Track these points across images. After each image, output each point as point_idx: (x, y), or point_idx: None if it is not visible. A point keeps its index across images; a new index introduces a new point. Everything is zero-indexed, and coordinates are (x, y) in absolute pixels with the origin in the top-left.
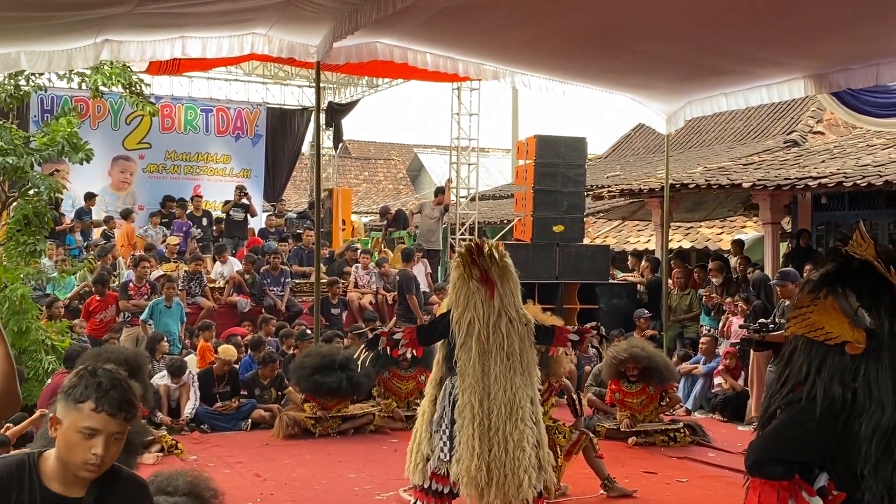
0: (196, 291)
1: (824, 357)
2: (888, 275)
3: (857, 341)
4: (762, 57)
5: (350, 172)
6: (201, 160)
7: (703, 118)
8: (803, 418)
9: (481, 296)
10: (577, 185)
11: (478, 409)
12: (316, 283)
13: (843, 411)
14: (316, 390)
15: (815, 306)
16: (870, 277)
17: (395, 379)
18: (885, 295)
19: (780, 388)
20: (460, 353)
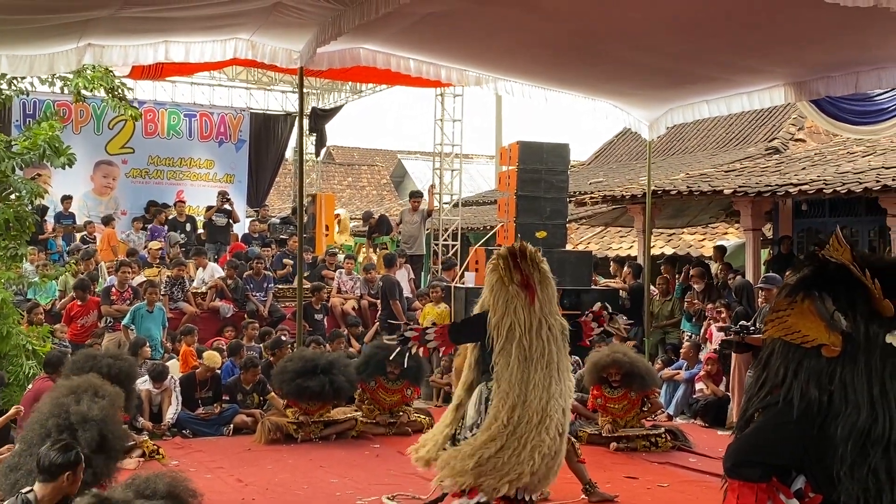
0: (178, 297)
1: (801, 360)
2: (864, 279)
3: (833, 344)
4: (742, 64)
5: (334, 178)
6: (184, 165)
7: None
8: (780, 421)
9: (521, 301)
10: (559, 191)
11: (507, 417)
12: (298, 289)
13: (819, 414)
14: (299, 394)
15: (791, 310)
16: (846, 281)
17: (380, 390)
18: (861, 299)
19: (758, 391)
20: (498, 359)
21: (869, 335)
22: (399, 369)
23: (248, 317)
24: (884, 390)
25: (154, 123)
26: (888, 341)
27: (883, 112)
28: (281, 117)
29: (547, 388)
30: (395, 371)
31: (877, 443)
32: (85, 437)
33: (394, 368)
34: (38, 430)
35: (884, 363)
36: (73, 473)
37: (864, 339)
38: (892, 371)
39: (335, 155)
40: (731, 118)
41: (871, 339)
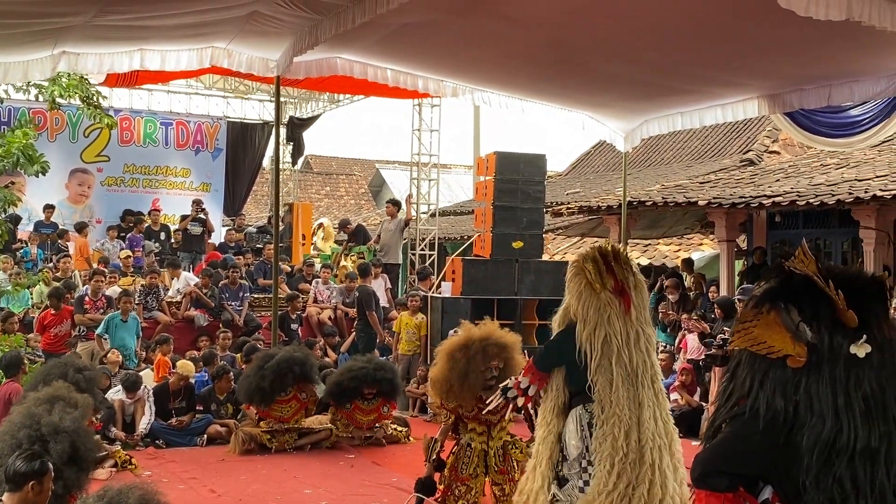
0: (153, 306)
1: (767, 371)
2: (828, 290)
3: (798, 355)
4: (716, 77)
5: (312, 187)
6: (160, 174)
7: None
8: (747, 431)
9: (615, 309)
10: (536, 201)
11: (622, 441)
12: (274, 298)
13: (785, 424)
14: (262, 393)
15: (758, 321)
16: (810, 293)
17: (356, 412)
18: (825, 310)
19: (725, 402)
20: (597, 377)
21: (833, 346)
22: (375, 389)
23: (224, 326)
24: (848, 400)
25: (130, 131)
26: (852, 352)
27: (856, 125)
28: (258, 126)
29: (660, 405)
30: (373, 391)
31: (841, 452)
32: (56, 449)
33: (371, 389)
34: (8, 441)
35: (847, 373)
36: (38, 483)
37: (829, 349)
38: (856, 381)
39: (313, 164)
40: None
41: (835, 349)
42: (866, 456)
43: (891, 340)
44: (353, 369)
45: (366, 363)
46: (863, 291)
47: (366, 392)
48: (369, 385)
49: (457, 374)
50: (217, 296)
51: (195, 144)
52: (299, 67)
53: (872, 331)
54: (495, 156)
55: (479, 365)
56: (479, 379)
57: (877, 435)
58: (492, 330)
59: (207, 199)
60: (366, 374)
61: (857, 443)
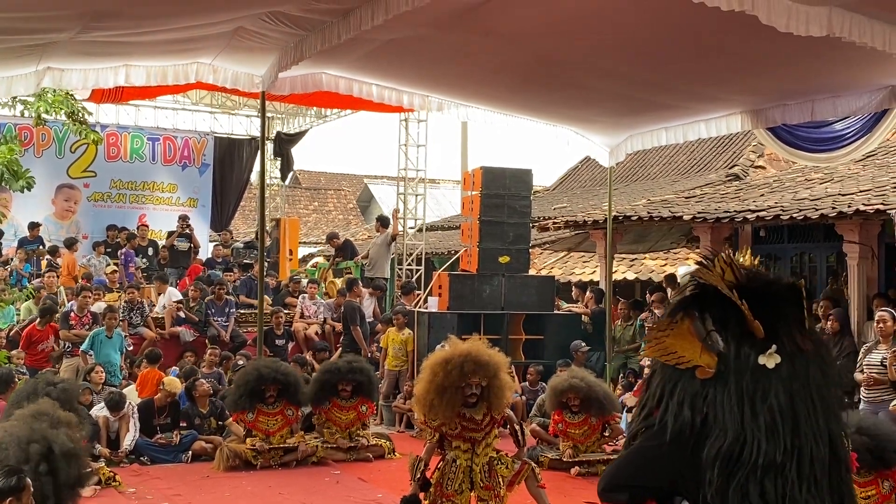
0: (137, 322)
1: (677, 381)
2: (733, 298)
3: (707, 365)
4: (700, 92)
5: (300, 202)
6: (147, 189)
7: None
8: (653, 443)
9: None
10: (522, 216)
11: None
12: (259, 314)
13: (692, 436)
14: (249, 396)
15: (671, 330)
16: (720, 302)
17: (335, 409)
18: (733, 319)
19: (640, 413)
20: None
21: (740, 356)
22: (351, 386)
23: (210, 342)
24: (754, 412)
25: (117, 147)
26: (761, 362)
27: (838, 139)
28: (245, 141)
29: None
30: (347, 388)
31: (744, 466)
32: (67, 471)
33: (345, 386)
34: (15, 453)
35: (755, 385)
36: (16, 500)
37: (736, 359)
38: (762, 393)
39: (301, 179)
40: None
41: (742, 360)
42: (771, 470)
43: (804, 351)
44: (328, 368)
45: (340, 362)
46: (776, 299)
47: (341, 389)
48: (344, 381)
49: (435, 388)
50: (203, 311)
51: (182, 160)
52: (284, 83)
53: (783, 341)
54: (481, 171)
55: (455, 380)
56: (458, 395)
57: (782, 449)
58: (475, 347)
59: (195, 215)
60: (339, 370)
61: (761, 457)
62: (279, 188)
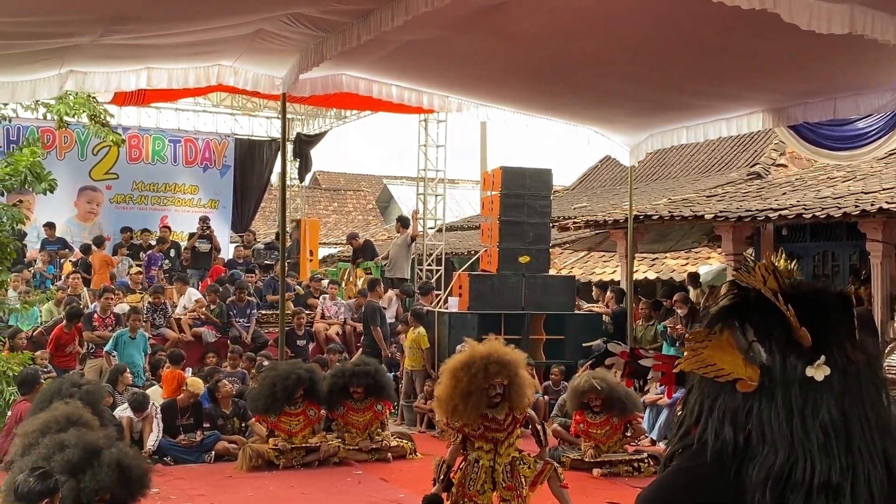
0: (160, 323)
1: (717, 396)
2: (779, 304)
3: (749, 378)
4: (720, 92)
5: (320, 203)
6: (168, 191)
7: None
8: (692, 464)
9: None
10: (542, 216)
11: None
12: (281, 315)
13: (735, 455)
14: (272, 400)
15: (709, 341)
16: (764, 310)
17: (350, 413)
18: (779, 328)
19: (677, 432)
20: None
21: (786, 367)
22: (362, 388)
23: (232, 343)
24: (805, 429)
25: (138, 149)
26: (809, 374)
27: (861, 137)
28: (266, 143)
29: None
30: (359, 390)
31: (797, 488)
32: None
33: (356, 388)
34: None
35: (804, 398)
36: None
37: (781, 371)
38: (813, 408)
39: (321, 180)
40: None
41: (788, 371)
42: (826, 492)
43: (855, 363)
44: (336, 372)
45: (347, 365)
46: (824, 307)
47: (353, 391)
48: (354, 383)
49: (460, 393)
50: (224, 312)
51: (203, 161)
52: (305, 84)
53: (833, 351)
54: (501, 171)
55: (481, 383)
56: (483, 397)
57: (838, 468)
58: (494, 347)
59: (215, 216)
60: (345, 373)
61: (815, 477)
62: (299, 189)
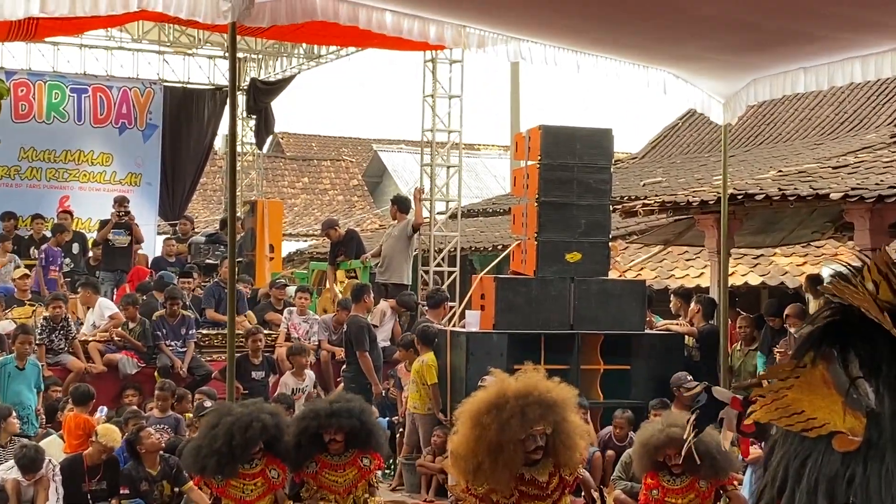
0: (61, 346)
1: (806, 457)
2: (883, 322)
3: (851, 431)
4: (857, 17)
5: (284, 178)
6: (71, 161)
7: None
8: None
9: None
10: (599, 196)
11: None
12: (230, 336)
13: None
14: (218, 458)
15: (795, 379)
16: (871, 333)
17: (325, 471)
18: (887, 359)
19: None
20: None
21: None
22: (342, 435)
23: (160, 375)
24: None
25: (27, 102)
26: None
27: None
28: (207, 93)
29: None
30: (338, 438)
31: None
32: None
33: (334, 436)
34: None
35: None
36: None
37: (891, 419)
38: None
39: (286, 146)
40: (842, 93)
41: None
42: None
43: None
44: (305, 415)
45: (320, 405)
46: None
47: (330, 440)
48: (330, 428)
49: (486, 446)
50: (149, 332)
51: (119, 119)
52: (263, 10)
53: None
54: (540, 131)
55: (516, 433)
56: (518, 452)
57: None
58: (534, 382)
59: (137, 197)
60: (322, 413)
61: None
62: (255, 158)
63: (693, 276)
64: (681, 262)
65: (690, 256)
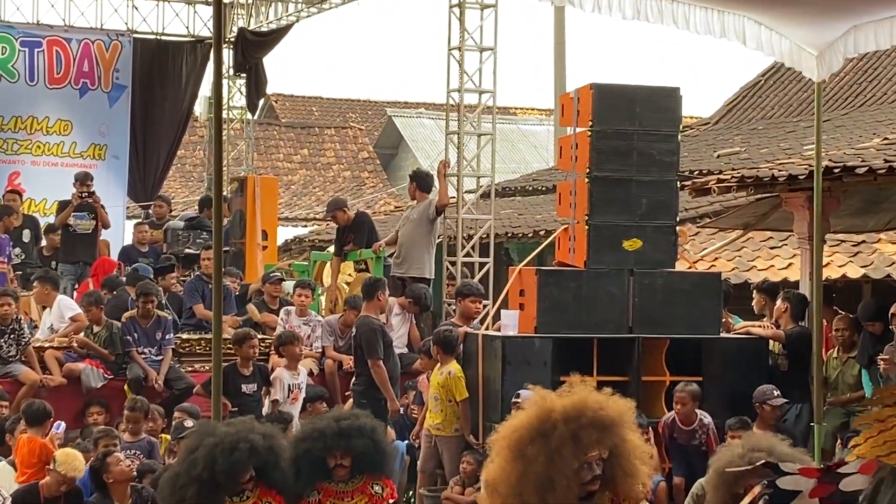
0: (11, 354)
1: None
2: None
3: None
4: None
5: (279, 150)
6: (21, 130)
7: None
8: None
9: None
10: (664, 169)
11: None
12: (215, 341)
13: None
14: (200, 489)
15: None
16: None
17: (329, 500)
18: None
19: None
20: None
21: None
22: (349, 459)
23: (131, 389)
24: None
25: None
26: None
27: None
28: (186, 47)
29: None
30: (344, 463)
31: None
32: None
33: (340, 460)
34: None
35: None
36: None
37: None
38: None
39: (280, 110)
40: None
41: None
42: None
43: None
44: (306, 435)
45: (323, 422)
46: None
47: (336, 465)
48: (336, 450)
49: (533, 483)
50: (117, 338)
51: (80, 79)
52: None
53: None
54: (592, 91)
55: (569, 463)
56: (573, 487)
57: None
58: (583, 398)
59: (102, 173)
60: (326, 434)
61: None
62: (244, 125)
63: (779, 268)
64: (764, 251)
65: (776, 243)
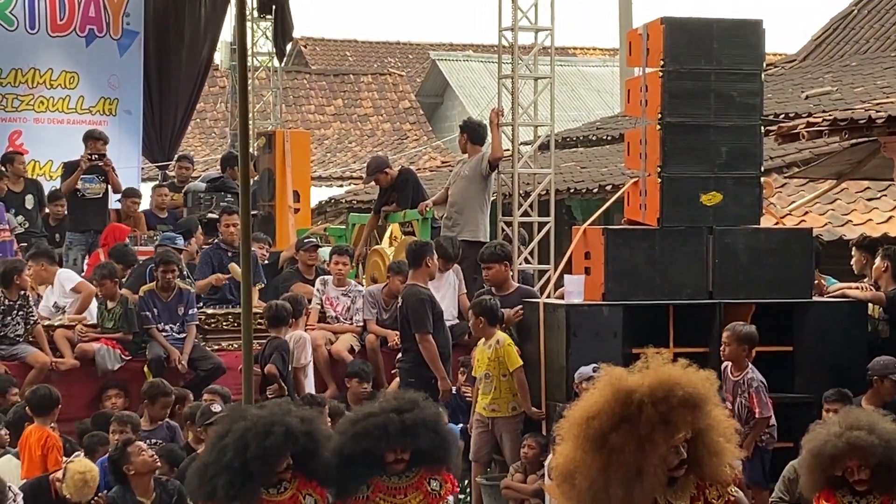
0: (17, 334)
1: None
2: None
3: None
4: None
5: (310, 101)
6: (22, 83)
7: None
8: None
9: None
10: (746, 112)
11: None
12: (244, 316)
13: None
14: (231, 478)
15: None
16: None
17: (380, 496)
18: None
19: None
20: None
21: None
22: (408, 452)
23: (152, 371)
24: None
25: None
26: None
27: None
28: None
29: None
30: (403, 457)
31: None
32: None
33: (400, 455)
34: None
35: None
36: None
37: None
38: None
39: (310, 56)
40: None
41: None
42: None
43: None
44: (366, 430)
45: (381, 412)
46: None
47: (394, 461)
48: (395, 443)
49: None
50: (134, 315)
51: (86, 25)
52: None
53: None
54: (663, 26)
55: (660, 450)
56: (661, 474)
57: None
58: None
59: (114, 130)
60: (390, 432)
61: None
62: (271, 73)
63: (878, 222)
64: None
65: (874, 194)
